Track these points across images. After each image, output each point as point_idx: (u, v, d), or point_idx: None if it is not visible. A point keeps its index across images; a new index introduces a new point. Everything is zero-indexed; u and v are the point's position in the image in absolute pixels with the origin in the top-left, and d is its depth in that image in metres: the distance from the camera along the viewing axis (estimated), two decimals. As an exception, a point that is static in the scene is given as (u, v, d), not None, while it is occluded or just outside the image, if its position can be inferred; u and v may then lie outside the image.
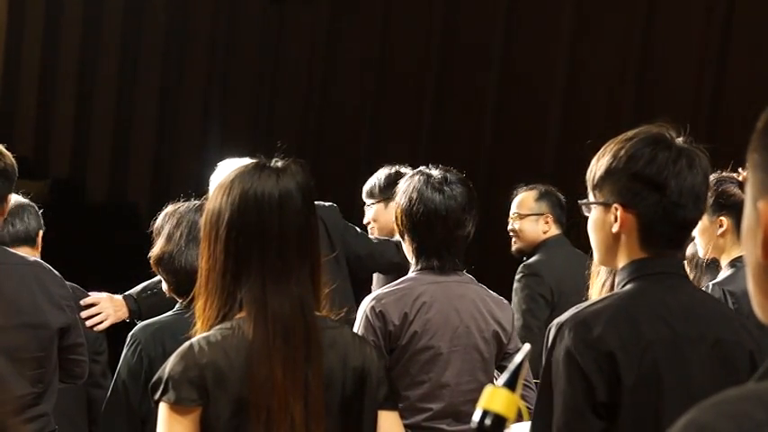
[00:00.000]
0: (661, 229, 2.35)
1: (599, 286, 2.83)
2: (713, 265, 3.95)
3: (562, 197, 5.39)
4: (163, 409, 2.32)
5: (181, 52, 10.95)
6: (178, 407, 2.30)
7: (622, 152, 2.36)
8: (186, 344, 2.36)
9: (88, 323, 4.13)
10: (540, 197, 5.43)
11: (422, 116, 8.92)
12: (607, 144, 2.41)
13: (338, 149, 9.39)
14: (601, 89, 7.82)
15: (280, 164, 2.44)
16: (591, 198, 2.42)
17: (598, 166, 2.40)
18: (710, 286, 3.75)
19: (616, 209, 2.36)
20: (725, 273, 3.81)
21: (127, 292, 4.27)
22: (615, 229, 2.36)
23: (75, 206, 10.71)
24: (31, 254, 4.11)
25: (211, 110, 10.63)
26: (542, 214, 5.39)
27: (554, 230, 5.36)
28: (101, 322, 4.15)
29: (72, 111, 11.76)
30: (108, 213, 11.01)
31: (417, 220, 3.47)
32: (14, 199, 4.17)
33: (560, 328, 2.31)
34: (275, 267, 2.35)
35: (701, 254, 3.90)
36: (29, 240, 4.22)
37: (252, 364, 2.31)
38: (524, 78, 8.26)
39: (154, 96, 11.10)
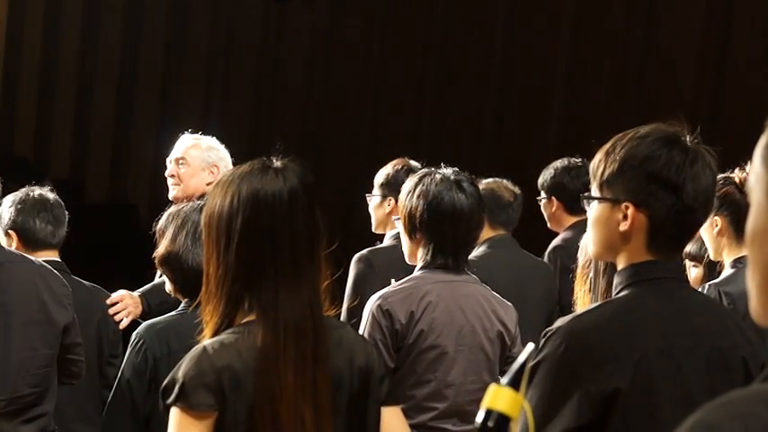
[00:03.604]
0: (670, 232, 2.30)
1: (587, 293, 2.76)
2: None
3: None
4: (176, 413, 2.26)
5: (181, 52, 10.95)
6: (194, 412, 2.25)
7: (639, 150, 2.28)
8: (199, 347, 2.31)
9: (116, 318, 4.21)
10: None
11: (422, 116, 8.93)
12: (616, 139, 2.33)
13: (338, 150, 9.38)
14: (601, 89, 7.82)
15: (280, 163, 2.39)
16: (595, 193, 2.34)
17: (608, 161, 2.31)
18: (707, 287, 3.75)
19: (626, 207, 2.28)
20: (726, 273, 3.80)
21: (140, 290, 4.35)
22: (624, 227, 2.29)
23: (75, 206, 10.66)
24: (53, 257, 4.10)
25: (211, 110, 10.62)
26: None
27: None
28: (126, 317, 4.23)
29: (72, 111, 11.75)
30: (108, 213, 11.00)
31: (438, 218, 3.44)
32: (42, 193, 4.12)
33: (552, 336, 2.24)
34: (288, 272, 2.32)
35: (711, 255, 3.90)
36: (58, 245, 4.16)
37: (262, 369, 2.27)
38: (524, 78, 8.26)
39: (154, 96, 11.09)
